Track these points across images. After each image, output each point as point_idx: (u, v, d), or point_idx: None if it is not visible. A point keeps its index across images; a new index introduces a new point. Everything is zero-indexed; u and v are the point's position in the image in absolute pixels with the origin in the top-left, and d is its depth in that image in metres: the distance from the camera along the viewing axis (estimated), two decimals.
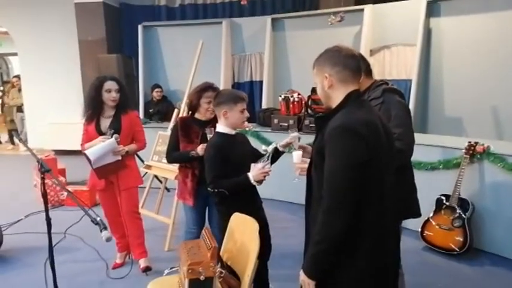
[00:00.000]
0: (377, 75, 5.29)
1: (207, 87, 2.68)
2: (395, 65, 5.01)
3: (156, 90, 5.87)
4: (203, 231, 2.07)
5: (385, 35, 4.99)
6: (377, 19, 5.00)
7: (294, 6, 6.49)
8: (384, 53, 5.07)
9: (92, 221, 1.89)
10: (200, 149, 2.59)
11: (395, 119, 2.03)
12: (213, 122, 2.72)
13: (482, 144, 3.30)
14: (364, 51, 4.98)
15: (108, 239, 1.80)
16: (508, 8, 4.04)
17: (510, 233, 3.22)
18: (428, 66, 4.61)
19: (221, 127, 2.31)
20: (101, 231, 1.84)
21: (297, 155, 1.95)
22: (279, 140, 2.54)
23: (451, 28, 4.47)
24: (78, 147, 3.00)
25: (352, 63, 1.52)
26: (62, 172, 5.23)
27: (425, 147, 3.57)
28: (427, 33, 4.62)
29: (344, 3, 5.59)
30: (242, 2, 5.33)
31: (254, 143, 4.85)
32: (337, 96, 1.51)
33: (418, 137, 2.29)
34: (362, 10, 5.02)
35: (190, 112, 2.79)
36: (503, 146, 3.43)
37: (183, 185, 2.77)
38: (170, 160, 2.84)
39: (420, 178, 2.41)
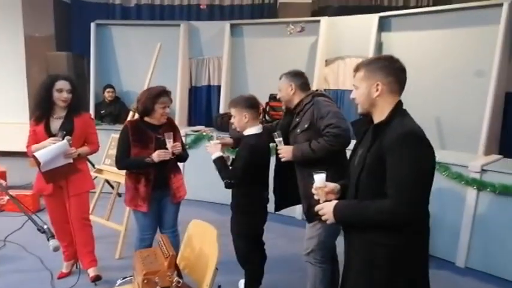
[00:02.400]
0: (332, 85, 5.52)
1: (162, 92, 2.62)
2: (349, 76, 5.20)
3: (108, 90, 5.64)
4: (160, 238, 2.00)
5: (340, 46, 5.17)
6: (332, 31, 5.17)
7: (252, 14, 6.54)
8: (338, 63, 5.25)
9: (38, 229, 1.78)
10: (156, 155, 2.53)
11: (329, 113, 2.36)
12: (164, 126, 2.69)
13: None
14: (319, 61, 5.13)
15: (56, 249, 1.71)
16: (452, 26, 4.35)
17: (453, 238, 3.43)
18: None
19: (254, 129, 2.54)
20: (48, 239, 1.74)
21: (320, 178, 1.68)
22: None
23: (400, 42, 4.72)
24: (20, 149, 2.81)
25: (404, 78, 1.59)
26: (2, 175, 4.86)
27: None
28: (379, 47, 4.84)
29: (301, 15, 5.73)
30: (201, 6, 5.29)
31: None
32: (383, 105, 1.57)
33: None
34: (318, 21, 5.17)
35: (139, 116, 2.68)
36: (447, 155, 3.65)
37: (133, 191, 2.65)
38: (122, 166, 2.71)
39: None
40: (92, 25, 5.83)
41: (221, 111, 5.52)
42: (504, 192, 3.11)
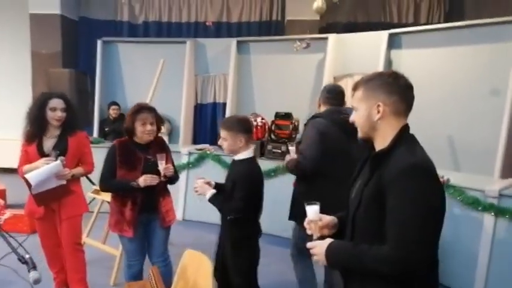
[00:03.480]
0: None
1: (140, 109, 2.50)
2: None
3: (113, 107, 5.59)
4: (150, 271, 1.85)
5: (348, 63, 5.05)
6: (340, 48, 5.06)
7: (259, 31, 6.50)
8: (346, 81, 5.11)
9: (19, 259, 1.67)
10: (142, 181, 2.39)
11: (305, 139, 2.60)
12: (155, 146, 2.56)
13: (442, 177, 3.30)
14: (327, 78, 5.01)
15: (36, 281, 1.58)
16: (464, 43, 4.20)
17: (470, 267, 3.20)
18: None
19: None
20: (28, 271, 1.62)
21: (313, 210, 1.48)
22: None
23: (410, 60, 4.58)
24: None
25: (411, 96, 1.37)
26: (2, 193, 4.77)
27: None
28: (388, 64, 4.71)
29: (309, 32, 5.65)
30: (207, 23, 5.25)
31: (215, 166, 4.73)
32: (386, 130, 1.35)
33: None
34: (326, 38, 5.07)
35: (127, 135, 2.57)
36: (461, 178, 3.46)
37: (118, 215, 2.51)
38: (105, 188, 2.57)
39: None
40: (99, 42, 5.83)
41: None
42: None
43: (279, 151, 4.26)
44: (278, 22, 6.57)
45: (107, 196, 3.51)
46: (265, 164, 3.94)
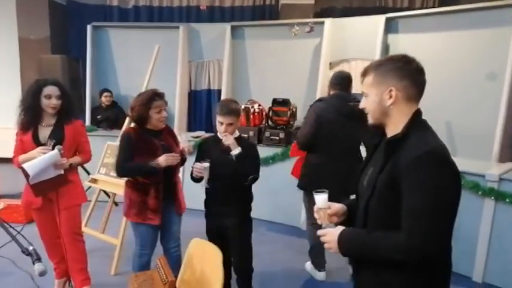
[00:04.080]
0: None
1: (154, 96, 2.44)
2: (354, 79, 5.01)
3: (105, 95, 5.46)
4: (158, 261, 1.82)
5: (345, 49, 4.99)
6: (337, 33, 4.99)
7: (253, 16, 6.37)
8: (343, 66, 5.05)
9: (22, 251, 1.63)
10: (164, 160, 2.35)
11: (304, 118, 3.15)
12: (164, 132, 2.55)
13: None
14: (323, 63, 4.96)
15: (42, 273, 1.54)
16: (461, 28, 4.18)
17: (470, 251, 3.23)
18: None
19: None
20: (33, 263, 1.58)
21: (322, 198, 1.47)
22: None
23: (407, 44, 4.53)
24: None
25: (423, 80, 1.36)
26: None
27: None
28: (385, 49, 4.66)
29: (304, 16, 5.55)
30: (201, 7, 5.12)
31: None
32: (398, 115, 1.33)
33: None
34: (322, 23, 4.99)
35: (137, 124, 2.52)
36: (460, 163, 3.41)
37: (140, 205, 2.46)
38: (123, 173, 2.52)
39: None
40: (89, 27, 5.66)
41: None
42: None
43: (277, 138, 4.22)
44: (272, 6, 6.43)
45: (104, 185, 3.46)
46: (263, 151, 3.90)
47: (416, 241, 1.20)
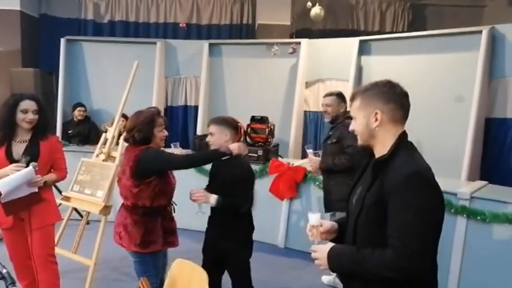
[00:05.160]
0: (312, 107, 5.43)
1: (156, 114, 2.38)
2: None
3: (79, 109, 5.32)
4: (140, 284, 1.76)
5: (320, 69, 5.12)
6: (313, 53, 5.12)
7: (230, 34, 6.45)
8: (318, 86, 5.19)
9: None
10: (236, 146, 2.31)
11: (351, 135, 3.21)
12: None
13: None
14: (300, 83, 5.06)
15: None
16: (430, 52, 4.39)
17: (443, 267, 3.24)
18: None
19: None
20: (7, 287, 1.48)
21: (315, 217, 1.52)
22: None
23: (379, 66, 4.71)
24: None
25: (407, 103, 1.42)
26: None
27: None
28: (359, 70, 4.83)
29: (280, 36, 5.68)
30: (181, 25, 5.14)
31: (191, 171, 4.59)
32: (384, 136, 1.39)
33: None
34: (299, 43, 5.11)
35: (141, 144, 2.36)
36: None
37: (160, 231, 2.35)
38: (192, 163, 2.55)
39: None
40: (62, 40, 5.54)
41: (199, 132, 5.31)
42: (494, 221, 3.04)
43: (256, 155, 4.22)
44: (249, 26, 6.55)
45: (78, 203, 3.33)
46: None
47: (404, 260, 1.24)
